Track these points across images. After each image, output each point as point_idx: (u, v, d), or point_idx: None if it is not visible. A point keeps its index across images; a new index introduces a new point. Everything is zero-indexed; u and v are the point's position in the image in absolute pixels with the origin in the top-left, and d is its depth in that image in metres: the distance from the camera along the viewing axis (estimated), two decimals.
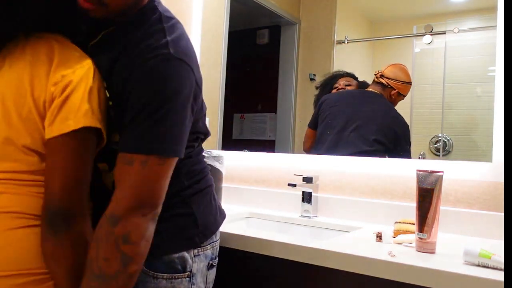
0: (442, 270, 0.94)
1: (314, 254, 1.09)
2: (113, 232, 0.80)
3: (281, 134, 1.94)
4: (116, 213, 0.81)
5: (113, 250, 0.80)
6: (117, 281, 0.80)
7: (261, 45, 2.04)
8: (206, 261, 1.07)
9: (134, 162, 0.83)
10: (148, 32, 0.90)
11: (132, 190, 0.82)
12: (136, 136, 0.84)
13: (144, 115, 0.84)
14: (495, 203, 1.35)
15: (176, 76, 0.87)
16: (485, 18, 1.46)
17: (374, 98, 1.71)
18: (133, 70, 0.86)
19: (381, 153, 1.63)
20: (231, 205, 1.82)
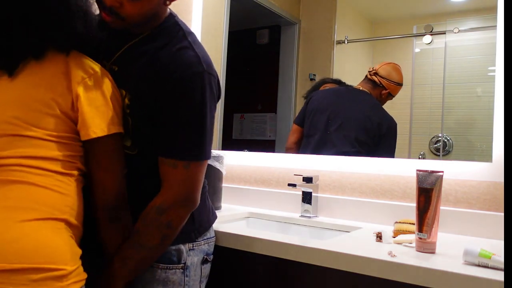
0: (442, 270, 0.94)
1: (314, 254, 1.09)
2: (159, 220, 0.99)
3: (281, 134, 1.94)
4: (163, 206, 1.00)
5: (156, 232, 1.00)
6: (152, 251, 1.01)
7: (261, 45, 2.04)
8: (200, 255, 1.13)
9: (178, 166, 1.00)
10: (178, 48, 1.02)
11: (177, 188, 1.00)
12: (179, 144, 1.00)
13: (183, 125, 1.00)
14: (495, 203, 1.35)
15: (208, 90, 1.01)
16: (485, 18, 1.46)
17: (361, 95, 1.71)
18: (170, 84, 0.99)
19: (363, 154, 1.63)
20: (231, 205, 1.82)
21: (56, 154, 0.96)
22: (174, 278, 1.07)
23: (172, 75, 0.98)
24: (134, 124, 1.04)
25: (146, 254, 1.01)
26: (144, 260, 1.02)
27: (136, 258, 1.00)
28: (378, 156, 1.58)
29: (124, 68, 1.06)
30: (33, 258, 0.85)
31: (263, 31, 2.03)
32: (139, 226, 1.01)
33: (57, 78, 0.96)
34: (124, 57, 1.07)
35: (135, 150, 1.06)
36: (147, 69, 1.02)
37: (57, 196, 0.94)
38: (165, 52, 1.02)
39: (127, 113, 1.03)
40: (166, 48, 1.03)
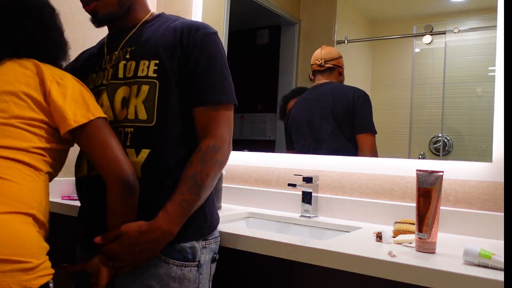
0: (442, 270, 0.94)
1: (314, 254, 1.09)
2: (215, 158, 1.06)
3: (281, 134, 1.94)
4: (217, 145, 1.07)
5: (213, 170, 1.06)
6: (206, 191, 1.07)
7: (261, 45, 2.04)
8: (211, 254, 1.15)
9: (219, 109, 1.09)
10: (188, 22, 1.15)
11: (223, 128, 1.09)
12: (217, 90, 1.10)
13: (218, 73, 1.11)
14: (495, 203, 1.35)
15: (223, 47, 1.16)
16: (485, 18, 1.46)
17: (324, 87, 1.76)
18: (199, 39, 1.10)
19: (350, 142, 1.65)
20: (231, 205, 1.83)
21: (26, 146, 1.01)
22: (190, 276, 1.07)
23: (197, 31, 1.11)
24: (161, 88, 1.09)
25: (202, 194, 1.05)
26: (198, 202, 1.06)
27: (194, 200, 1.04)
28: (358, 131, 1.63)
29: (142, 45, 1.14)
30: (1, 249, 0.87)
31: (263, 31, 2.03)
32: (196, 167, 1.04)
33: (30, 77, 1.05)
34: (136, 39, 1.17)
35: (152, 122, 1.09)
36: (170, 35, 1.12)
37: (25, 190, 0.97)
38: (179, 24, 1.14)
39: (154, 77, 1.09)
40: (176, 22, 1.15)
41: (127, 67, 1.12)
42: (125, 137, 1.09)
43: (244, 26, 2.08)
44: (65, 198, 1.77)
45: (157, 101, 1.08)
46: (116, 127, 1.10)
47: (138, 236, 1.01)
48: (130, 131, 1.09)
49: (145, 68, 1.10)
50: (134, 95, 1.10)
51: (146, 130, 1.08)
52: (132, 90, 1.10)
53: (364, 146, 1.64)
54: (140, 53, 1.12)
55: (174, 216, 1.02)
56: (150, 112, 1.08)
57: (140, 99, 1.09)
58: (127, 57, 1.14)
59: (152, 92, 1.09)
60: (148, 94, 1.09)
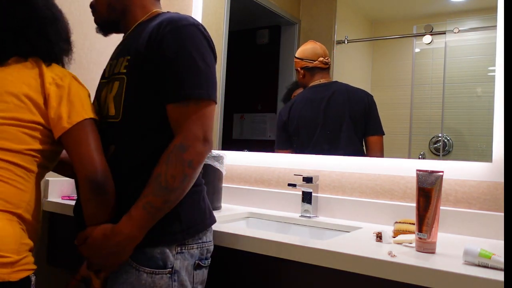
0: (442, 270, 0.94)
1: (314, 254, 1.09)
2: (182, 157, 0.99)
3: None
4: (184, 143, 1.00)
5: (179, 171, 0.99)
6: (175, 194, 1.01)
7: (261, 45, 2.04)
8: (191, 260, 1.08)
9: (190, 105, 1.02)
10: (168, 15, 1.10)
11: (193, 125, 1.02)
12: (186, 85, 1.03)
13: (184, 67, 1.03)
14: (495, 203, 1.35)
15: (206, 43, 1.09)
16: (485, 18, 1.46)
17: (332, 87, 1.75)
18: (167, 34, 1.04)
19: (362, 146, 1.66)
20: (231, 205, 1.82)
21: (20, 148, 1.03)
22: (161, 283, 1.02)
23: (167, 26, 1.06)
24: (128, 83, 1.08)
25: (168, 197, 0.99)
26: (165, 205, 1.00)
27: (158, 203, 0.99)
28: (369, 133, 1.63)
29: (124, 46, 1.17)
30: None
31: (263, 31, 2.03)
32: (161, 167, 1.00)
33: (33, 77, 1.08)
34: (125, 41, 1.19)
35: (118, 117, 1.08)
36: (143, 33, 1.10)
37: (14, 191, 1.02)
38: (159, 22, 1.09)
39: (123, 73, 1.09)
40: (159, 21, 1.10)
41: (111, 67, 1.16)
42: (101, 135, 1.10)
43: (244, 26, 2.08)
44: (65, 198, 1.77)
45: (123, 96, 1.08)
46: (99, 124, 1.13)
47: (102, 240, 1.00)
48: (103, 127, 1.11)
49: (119, 65, 1.12)
50: (109, 91, 1.12)
51: (113, 126, 1.09)
52: (108, 87, 1.14)
53: (376, 147, 1.64)
54: (122, 52, 1.15)
55: (137, 219, 0.99)
56: (117, 107, 1.09)
57: (112, 94, 1.11)
58: (113, 57, 1.18)
59: (120, 87, 1.09)
60: (118, 90, 1.09)
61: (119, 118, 1.08)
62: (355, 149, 1.66)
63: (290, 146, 1.82)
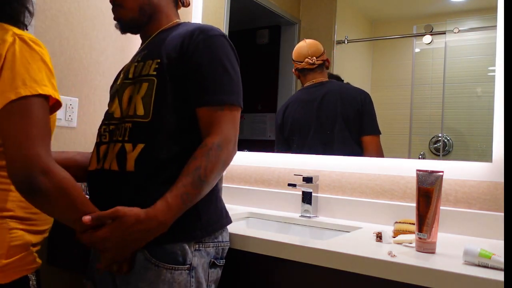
0: (442, 270, 0.94)
1: (314, 254, 1.09)
2: (220, 156, 1.05)
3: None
4: (221, 143, 1.06)
5: (216, 167, 1.04)
6: (208, 188, 1.06)
7: (261, 45, 2.04)
8: (207, 258, 1.10)
9: (224, 109, 1.09)
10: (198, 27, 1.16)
11: (227, 127, 1.08)
12: (220, 92, 1.10)
13: (219, 74, 1.11)
14: (495, 203, 1.35)
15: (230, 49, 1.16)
16: (485, 18, 1.46)
17: (325, 88, 1.74)
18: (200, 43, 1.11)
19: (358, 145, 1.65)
20: (231, 205, 1.82)
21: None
22: (180, 279, 1.04)
23: (200, 34, 1.12)
24: (158, 85, 1.11)
25: (203, 190, 1.04)
26: (198, 197, 1.04)
27: (195, 195, 1.02)
28: (365, 133, 1.63)
29: (152, 48, 1.18)
30: None
31: (263, 31, 2.03)
32: (201, 161, 1.02)
33: None
34: (151, 43, 1.21)
35: (148, 117, 1.10)
36: (176, 38, 1.14)
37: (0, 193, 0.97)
38: (190, 30, 1.15)
39: (153, 75, 1.12)
40: (191, 29, 1.15)
41: (137, 68, 1.17)
42: (125, 132, 1.11)
43: (244, 26, 2.08)
44: None
45: (154, 97, 1.10)
46: (121, 123, 1.13)
47: (134, 223, 0.95)
48: (129, 126, 1.11)
49: (148, 67, 1.14)
50: (136, 92, 1.13)
51: (142, 125, 1.10)
52: (135, 87, 1.14)
53: (371, 147, 1.64)
54: (149, 55, 1.16)
55: (173, 207, 0.99)
56: (147, 107, 1.10)
57: (140, 95, 1.12)
58: (138, 59, 1.19)
59: (150, 89, 1.11)
60: (147, 91, 1.11)
61: (148, 118, 1.10)
62: (350, 150, 1.66)
63: (289, 148, 1.82)
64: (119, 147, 1.10)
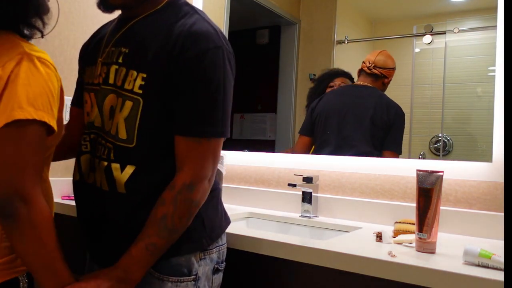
0: (442, 270, 0.94)
1: (314, 254, 1.09)
2: (191, 198, 0.96)
3: (281, 134, 1.94)
4: (193, 182, 0.96)
5: (187, 211, 0.96)
6: (178, 234, 0.97)
7: (261, 45, 2.04)
8: (211, 265, 1.07)
9: (202, 142, 0.97)
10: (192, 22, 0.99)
11: (202, 163, 0.97)
12: (202, 122, 0.97)
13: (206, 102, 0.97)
14: (495, 203, 1.35)
15: (227, 65, 1.00)
16: (485, 18, 1.46)
17: (366, 91, 1.72)
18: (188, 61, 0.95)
19: (378, 150, 1.64)
20: (231, 205, 1.82)
21: None
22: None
23: (188, 49, 0.96)
24: (144, 107, 0.98)
25: (172, 238, 0.96)
26: (167, 246, 0.96)
27: (162, 245, 0.94)
28: (387, 147, 1.61)
29: (135, 47, 1.01)
30: None
31: (263, 31, 2.03)
32: (168, 208, 0.94)
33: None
34: (133, 37, 1.03)
35: (132, 143, 0.99)
36: (162, 47, 0.98)
37: None
38: (179, 27, 0.98)
39: (138, 93, 0.98)
40: (179, 23, 0.99)
41: (118, 73, 1.02)
42: (109, 152, 1.01)
43: (244, 26, 2.08)
44: (65, 198, 1.77)
45: (138, 121, 0.98)
46: (101, 135, 1.04)
47: None
48: (111, 147, 1.01)
49: (132, 81, 0.99)
50: (119, 109, 1.00)
51: (126, 150, 0.99)
52: (118, 102, 1.01)
53: None
54: (131, 60, 1.01)
55: (139, 260, 0.93)
56: (130, 132, 0.99)
57: (122, 115, 1.00)
58: (119, 61, 1.02)
59: (134, 110, 0.98)
60: (131, 112, 0.98)
61: (132, 144, 0.99)
62: (366, 152, 1.65)
63: (311, 134, 1.81)
64: (105, 165, 1.01)
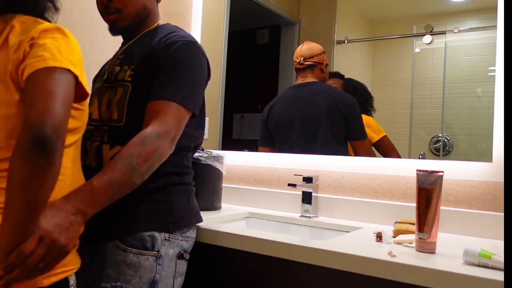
0: (442, 270, 0.94)
1: (314, 254, 1.09)
2: (157, 145, 1.02)
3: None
4: (161, 133, 1.03)
5: (152, 155, 1.02)
6: (139, 178, 1.01)
7: (261, 45, 2.04)
8: (176, 249, 1.15)
9: (172, 105, 1.08)
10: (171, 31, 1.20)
11: (170, 122, 1.06)
12: (173, 90, 1.09)
13: (177, 77, 1.10)
14: (495, 203, 1.35)
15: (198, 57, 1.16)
16: (485, 18, 1.46)
17: (312, 89, 1.76)
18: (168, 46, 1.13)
19: (342, 144, 1.66)
20: (231, 205, 1.83)
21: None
22: (146, 264, 1.08)
23: (167, 40, 1.15)
24: (133, 90, 1.14)
25: (133, 179, 0.99)
26: (126, 186, 0.99)
27: (123, 182, 0.97)
28: (351, 138, 1.66)
29: (128, 53, 1.21)
30: None
31: (263, 31, 2.03)
32: (135, 148, 1.00)
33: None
34: (129, 48, 1.23)
35: (122, 122, 1.14)
36: (146, 48, 1.17)
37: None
38: (160, 35, 1.18)
39: (128, 81, 1.15)
40: (161, 34, 1.19)
41: (114, 71, 1.21)
42: (103, 134, 1.15)
43: (244, 26, 2.08)
44: None
45: (127, 102, 1.14)
46: (98, 125, 1.18)
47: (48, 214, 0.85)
48: (106, 129, 1.16)
49: (123, 73, 1.18)
50: (113, 97, 1.17)
51: (117, 129, 1.14)
52: (112, 92, 1.18)
53: (361, 150, 1.65)
54: (126, 60, 1.20)
55: (99, 193, 0.93)
56: (120, 112, 1.14)
57: (115, 100, 1.16)
58: (117, 63, 1.23)
59: (124, 94, 1.15)
60: (121, 96, 1.15)
61: (122, 122, 1.14)
62: (332, 151, 1.67)
63: (271, 144, 1.84)
64: (96, 145, 1.15)
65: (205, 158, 1.60)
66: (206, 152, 1.63)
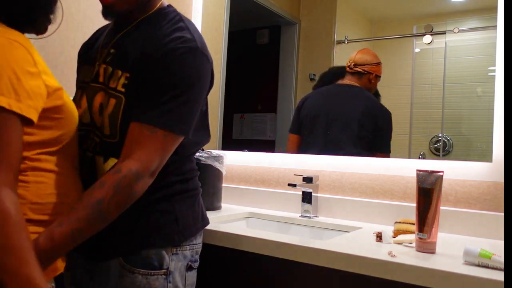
0: (442, 270, 0.94)
1: (314, 254, 1.09)
2: (134, 187, 0.93)
3: (281, 134, 1.94)
4: (140, 172, 0.93)
5: (126, 200, 0.93)
6: (109, 220, 0.93)
7: (261, 45, 2.04)
8: (184, 262, 1.09)
9: (157, 132, 0.96)
10: (174, 28, 1.03)
11: (153, 155, 0.95)
12: (161, 113, 0.96)
13: (170, 96, 0.96)
14: (495, 203, 1.35)
15: (201, 67, 1.01)
16: (485, 18, 1.46)
17: (352, 91, 1.73)
18: (163, 54, 0.98)
19: (366, 150, 1.65)
20: (231, 205, 1.83)
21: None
22: (156, 285, 1.02)
23: (168, 44, 0.99)
24: (127, 104, 1.01)
25: (101, 225, 0.92)
26: (93, 233, 0.92)
27: (87, 232, 0.90)
28: (376, 149, 1.61)
29: (121, 50, 1.06)
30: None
31: (263, 31, 2.03)
32: (107, 192, 0.91)
33: None
34: (123, 40, 1.08)
35: (115, 138, 1.02)
36: (144, 48, 1.02)
37: None
38: (161, 31, 1.02)
39: (121, 92, 1.02)
40: (162, 29, 1.03)
41: (106, 72, 1.07)
42: (94, 145, 1.06)
43: (244, 26, 2.08)
44: None
45: (120, 118, 1.01)
46: (90, 130, 1.08)
47: None
48: (98, 141, 1.06)
49: (116, 80, 1.04)
50: (105, 106, 1.05)
51: (111, 145, 1.03)
52: (104, 99, 1.05)
53: None
54: (117, 60, 1.06)
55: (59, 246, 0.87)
56: (113, 128, 1.03)
57: (107, 112, 1.04)
58: (107, 60, 1.08)
59: (117, 107, 1.02)
60: (114, 108, 1.02)
61: (116, 139, 1.03)
62: (355, 154, 1.65)
63: (299, 133, 1.82)
64: (89, 156, 1.06)
65: (205, 158, 1.60)
66: (206, 152, 1.63)
